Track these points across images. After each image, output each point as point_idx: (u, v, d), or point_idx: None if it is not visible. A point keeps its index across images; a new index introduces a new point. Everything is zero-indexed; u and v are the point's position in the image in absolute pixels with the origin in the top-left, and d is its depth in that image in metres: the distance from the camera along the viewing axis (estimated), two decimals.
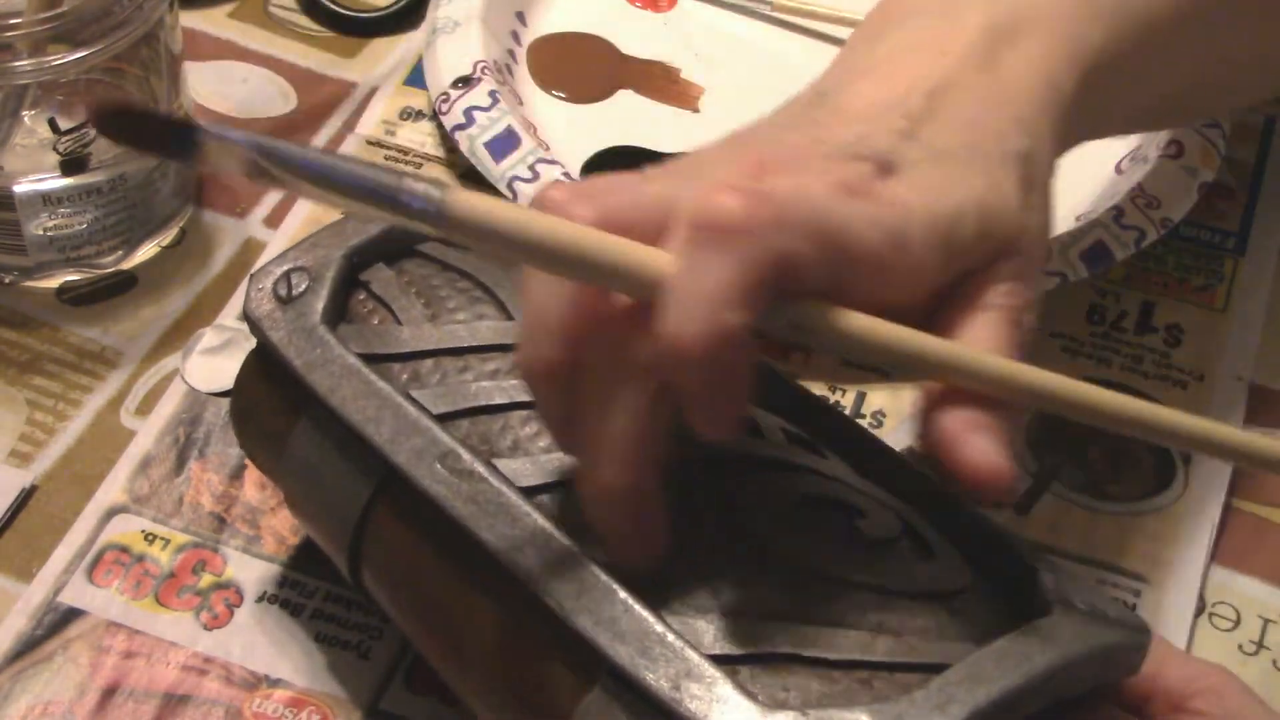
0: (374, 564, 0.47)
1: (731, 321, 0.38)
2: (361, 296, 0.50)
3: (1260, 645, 0.55)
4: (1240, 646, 0.55)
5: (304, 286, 0.48)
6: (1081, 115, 0.48)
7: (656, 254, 0.39)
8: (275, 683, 0.52)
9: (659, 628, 0.40)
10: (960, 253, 0.43)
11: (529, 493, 0.43)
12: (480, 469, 0.43)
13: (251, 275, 0.49)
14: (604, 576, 0.41)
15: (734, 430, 0.40)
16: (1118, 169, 0.68)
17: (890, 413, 0.61)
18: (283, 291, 0.48)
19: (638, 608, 0.40)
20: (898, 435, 0.60)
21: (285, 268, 0.49)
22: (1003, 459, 0.41)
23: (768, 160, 0.42)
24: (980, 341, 0.42)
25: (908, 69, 0.46)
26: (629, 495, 0.41)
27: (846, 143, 0.43)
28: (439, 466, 0.44)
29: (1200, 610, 0.56)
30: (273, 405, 0.49)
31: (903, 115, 0.44)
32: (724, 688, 0.38)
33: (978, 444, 0.41)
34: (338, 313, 0.49)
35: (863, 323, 0.41)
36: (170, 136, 0.36)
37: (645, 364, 0.39)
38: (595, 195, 0.40)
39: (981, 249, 0.43)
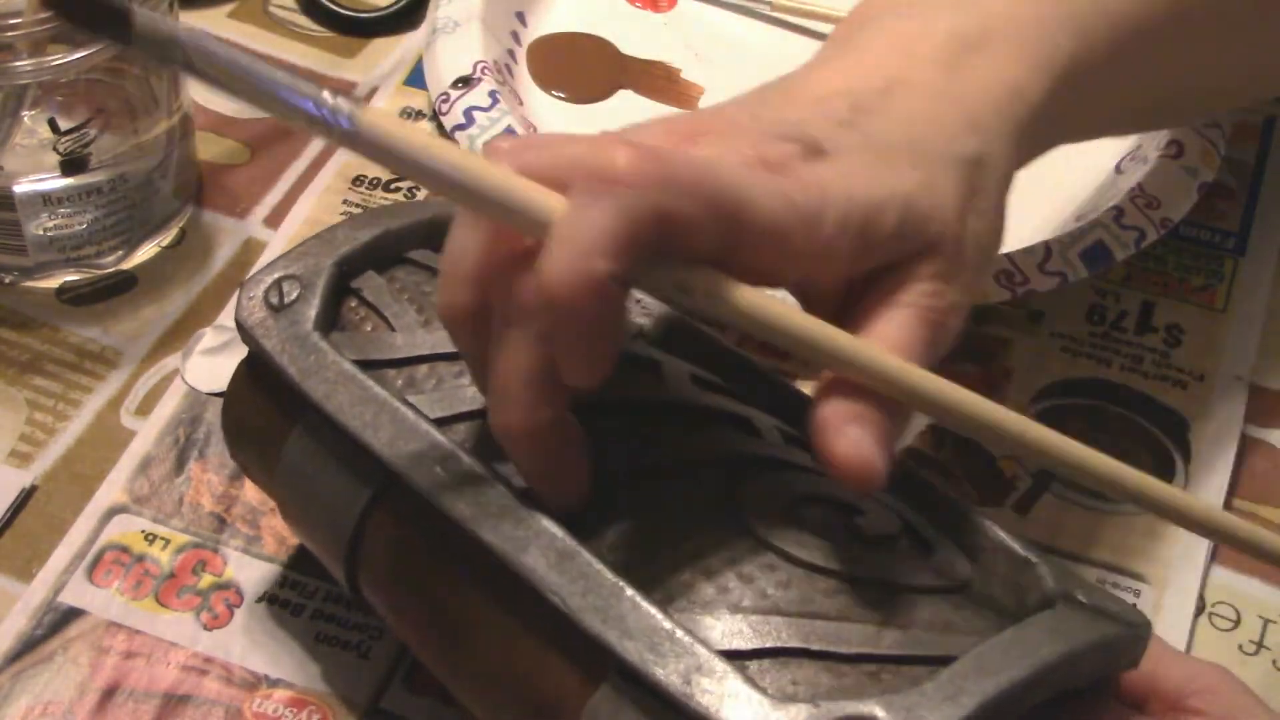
0: (372, 570, 0.47)
1: (600, 269, 0.38)
2: (353, 304, 0.49)
3: (1260, 645, 0.55)
4: (1240, 646, 0.55)
5: (295, 294, 0.48)
6: (1053, 121, 0.48)
7: (552, 197, 0.40)
8: (275, 683, 0.52)
9: (667, 624, 0.40)
10: (876, 244, 0.43)
11: (530, 493, 0.43)
12: (481, 471, 0.43)
13: (242, 284, 0.49)
14: (610, 575, 0.41)
15: (594, 380, 0.40)
16: (1118, 169, 0.68)
17: None
18: (274, 300, 0.48)
19: (645, 605, 0.40)
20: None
21: (275, 275, 0.49)
22: (872, 453, 0.41)
23: (698, 130, 0.43)
24: (886, 337, 0.43)
25: (869, 63, 0.46)
26: (532, 434, 0.42)
27: (784, 122, 0.44)
28: (439, 470, 0.44)
29: (1200, 610, 0.56)
30: (266, 414, 0.49)
31: (849, 104, 0.45)
32: (735, 682, 0.38)
33: (850, 435, 0.41)
34: (330, 320, 0.48)
35: (748, 296, 0.40)
36: (106, 15, 0.37)
37: (532, 306, 0.40)
38: (523, 149, 0.41)
39: (901, 244, 0.43)
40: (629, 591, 0.40)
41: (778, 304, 0.41)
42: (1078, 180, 0.69)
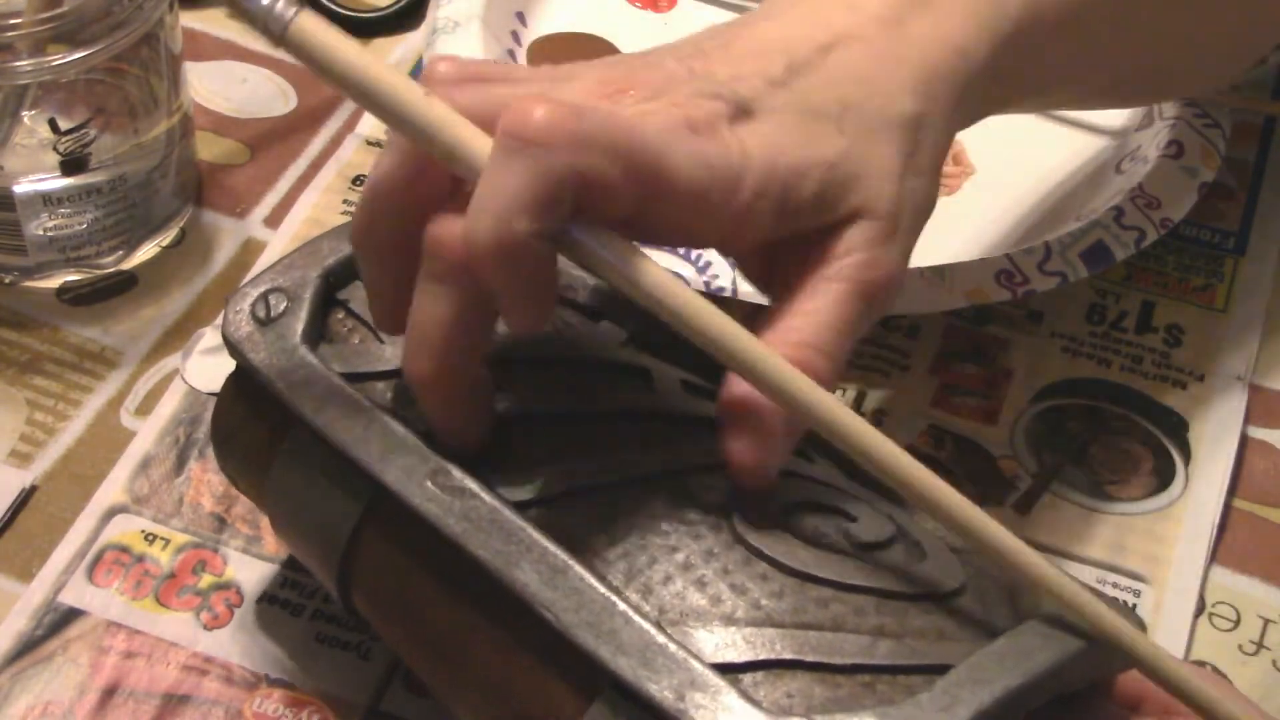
0: (365, 586, 0.47)
1: (519, 229, 0.39)
2: (340, 315, 0.49)
3: (1260, 645, 0.55)
4: (1240, 646, 0.55)
5: (282, 307, 0.48)
6: (998, 83, 0.48)
7: (481, 138, 0.40)
8: (275, 683, 0.52)
9: (661, 639, 0.39)
10: (797, 210, 0.43)
11: (522, 507, 0.43)
12: (472, 485, 0.43)
13: (228, 298, 0.49)
14: (602, 589, 0.40)
15: (537, 326, 0.41)
16: (1118, 169, 0.68)
17: (890, 412, 0.61)
18: (261, 313, 0.48)
19: (638, 619, 0.40)
20: (897, 435, 0.60)
21: (262, 289, 0.48)
22: (763, 452, 0.42)
23: (627, 84, 0.43)
24: (817, 311, 0.42)
25: (812, 17, 0.46)
26: (441, 383, 0.42)
27: (716, 80, 0.43)
28: (430, 484, 0.43)
29: (1200, 610, 0.56)
30: (255, 428, 0.49)
31: (786, 63, 0.44)
32: (729, 696, 0.38)
33: (749, 426, 0.42)
34: (317, 333, 0.48)
35: (650, 272, 0.40)
36: None
37: (457, 261, 0.40)
38: (458, 83, 0.41)
39: (825, 211, 0.43)
40: (621, 606, 0.40)
41: (686, 293, 0.40)
42: (1078, 180, 0.69)
